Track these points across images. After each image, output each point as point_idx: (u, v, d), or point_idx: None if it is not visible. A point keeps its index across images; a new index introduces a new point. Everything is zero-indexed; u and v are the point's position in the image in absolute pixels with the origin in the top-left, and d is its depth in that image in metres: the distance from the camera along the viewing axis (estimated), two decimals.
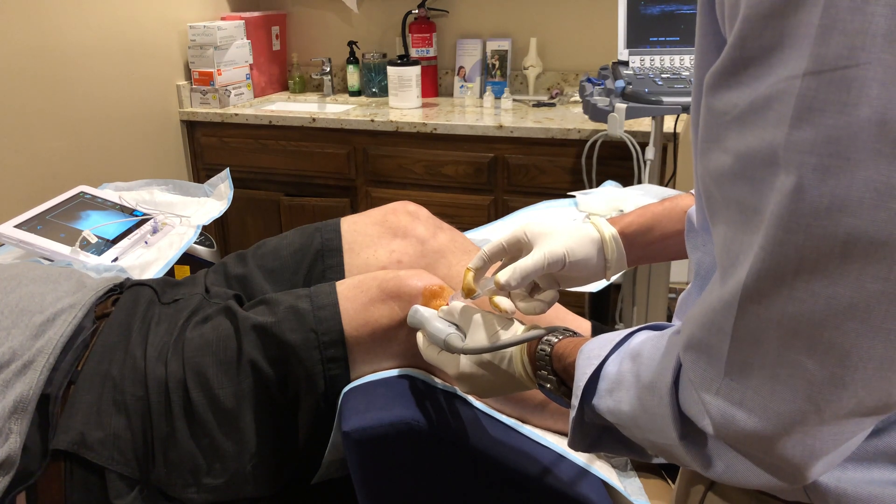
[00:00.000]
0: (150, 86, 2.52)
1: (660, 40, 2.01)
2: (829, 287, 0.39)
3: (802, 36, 0.38)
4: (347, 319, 0.97)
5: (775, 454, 0.45)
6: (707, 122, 0.46)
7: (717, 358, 0.46)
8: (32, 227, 1.43)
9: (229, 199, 1.74)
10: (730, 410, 0.46)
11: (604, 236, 0.85)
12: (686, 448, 0.53)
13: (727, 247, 0.45)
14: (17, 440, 0.93)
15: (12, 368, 0.96)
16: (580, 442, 0.68)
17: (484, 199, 2.38)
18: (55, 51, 2.12)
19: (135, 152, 2.48)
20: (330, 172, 2.55)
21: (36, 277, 1.11)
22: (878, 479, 0.51)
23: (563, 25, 2.69)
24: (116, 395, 0.96)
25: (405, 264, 1.11)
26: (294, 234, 1.18)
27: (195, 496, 0.96)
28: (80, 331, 1.04)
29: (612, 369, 0.61)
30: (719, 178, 0.45)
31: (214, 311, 1.03)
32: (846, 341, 0.40)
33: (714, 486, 0.63)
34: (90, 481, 0.95)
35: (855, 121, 0.37)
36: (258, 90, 2.91)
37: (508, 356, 0.77)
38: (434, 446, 0.90)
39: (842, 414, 0.42)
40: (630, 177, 2.06)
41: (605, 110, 1.88)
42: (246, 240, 2.71)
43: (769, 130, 0.40)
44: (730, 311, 0.44)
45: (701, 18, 0.51)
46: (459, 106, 2.65)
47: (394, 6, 2.86)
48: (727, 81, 0.44)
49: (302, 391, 0.97)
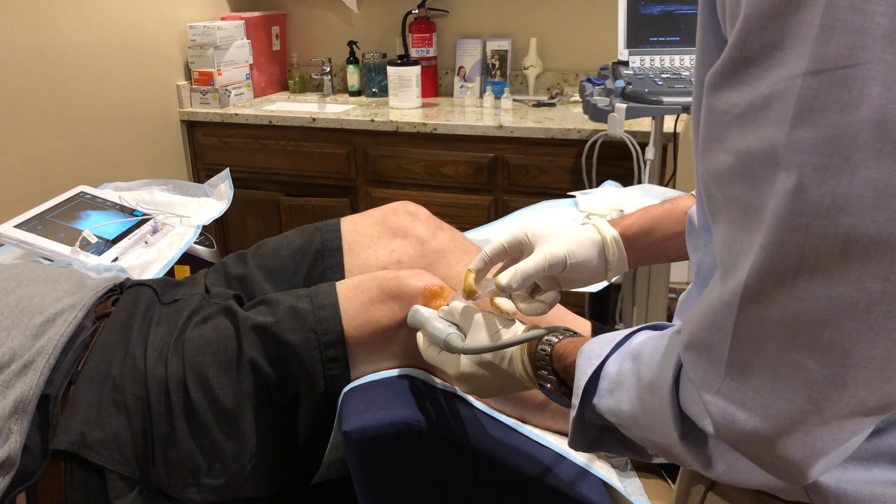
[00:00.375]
0: (150, 86, 2.52)
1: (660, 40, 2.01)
2: (829, 287, 0.39)
3: (803, 35, 0.38)
4: (347, 319, 0.97)
5: (776, 454, 0.45)
6: (708, 122, 0.46)
7: (717, 357, 0.46)
8: (32, 227, 1.43)
9: (229, 199, 1.74)
10: (730, 410, 0.46)
11: (605, 238, 0.85)
12: (687, 448, 0.53)
13: (728, 246, 0.45)
14: (18, 440, 0.93)
15: (12, 369, 0.96)
16: (580, 442, 0.68)
17: (484, 199, 2.38)
18: (55, 50, 2.12)
19: (135, 152, 2.48)
20: (330, 172, 2.55)
21: (36, 278, 1.11)
22: (879, 479, 0.51)
23: (563, 25, 2.69)
24: (116, 395, 0.96)
25: (405, 264, 1.11)
26: (294, 234, 1.18)
27: (195, 496, 0.96)
28: (81, 331, 1.04)
29: (612, 369, 0.61)
30: (720, 177, 0.45)
31: (214, 311, 1.03)
32: (847, 341, 0.40)
33: (714, 486, 0.63)
34: (90, 481, 0.95)
35: (855, 120, 0.37)
36: (258, 90, 2.91)
37: (508, 356, 0.77)
38: (434, 446, 0.90)
39: (842, 414, 0.42)
40: (630, 177, 2.06)
41: (605, 110, 1.88)
42: (246, 240, 2.71)
43: (770, 130, 0.40)
44: (730, 310, 0.44)
45: (702, 18, 0.51)
46: (459, 106, 2.65)
47: (394, 6, 2.86)
48: (728, 81, 0.44)
49: (302, 391, 0.97)
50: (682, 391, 0.52)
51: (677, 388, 0.53)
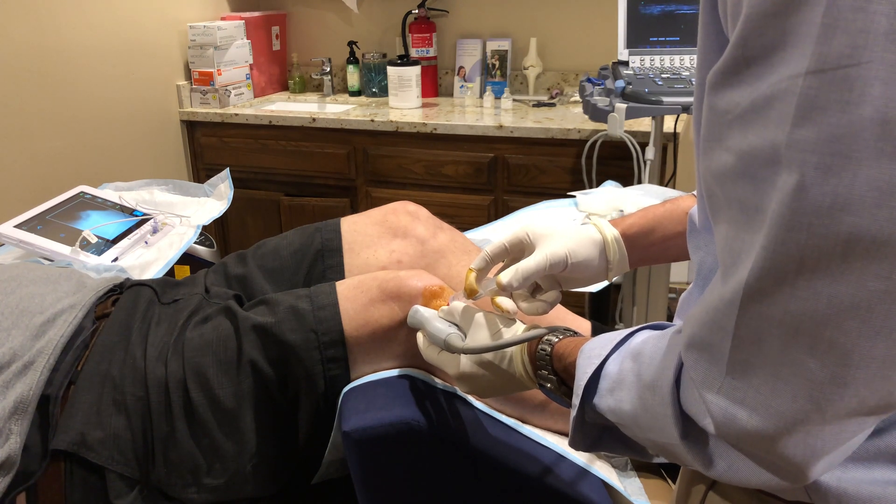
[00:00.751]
0: (150, 86, 2.52)
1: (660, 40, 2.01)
2: (830, 286, 0.39)
3: (805, 35, 0.38)
4: (347, 320, 0.97)
5: (777, 453, 0.45)
6: (709, 121, 0.46)
7: (718, 357, 0.46)
8: (32, 227, 1.43)
9: (229, 199, 1.74)
10: (731, 409, 0.46)
11: (606, 238, 0.85)
12: (688, 447, 0.53)
13: (729, 246, 0.45)
14: (18, 441, 0.93)
15: (13, 369, 0.96)
16: (581, 441, 0.68)
17: (484, 199, 2.38)
18: (55, 51, 2.12)
19: (135, 152, 2.48)
20: (330, 172, 2.55)
21: (36, 278, 1.11)
22: (879, 478, 0.51)
23: (563, 25, 2.69)
24: (116, 395, 0.96)
25: (405, 264, 1.11)
26: (294, 234, 1.17)
27: (195, 496, 0.96)
28: (81, 331, 1.04)
29: (612, 369, 0.61)
30: (721, 176, 0.45)
31: (214, 311, 1.03)
32: (848, 340, 0.40)
33: (715, 486, 0.63)
34: (90, 481, 0.95)
35: (857, 119, 0.37)
36: (258, 90, 2.91)
37: (509, 356, 0.77)
38: (434, 446, 0.90)
39: (843, 413, 0.42)
40: (630, 177, 2.06)
41: (605, 110, 1.88)
42: (246, 240, 2.71)
43: (771, 129, 0.40)
44: (732, 309, 0.44)
45: (703, 18, 0.51)
46: (459, 106, 2.65)
47: (394, 6, 2.86)
48: (729, 80, 0.44)
49: (302, 391, 0.97)
50: (682, 390, 0.52)
51: (678, 387, 0.53)
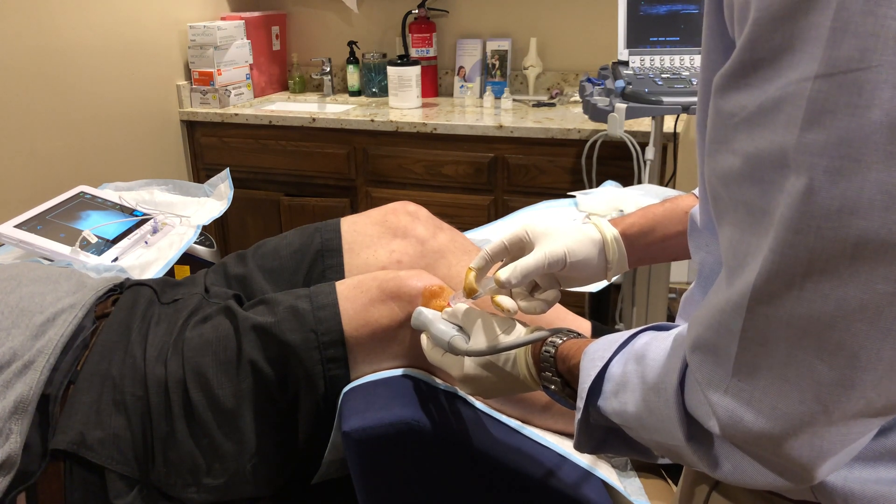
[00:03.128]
0: (150, 86, 2.51)
1: (660, 40, 2.01)
2: (838, 289, 0.39)
3: (814, 38, 0.38)
4: (347, 320, 0.97)
5: (783, 454, 0.45)
6: (715, 124, 0.46)
7: (724, 358, 0.46)
8: (32, 227, 1.42)
9: (229, 199, 1.74)
10: (737, 411, 0.46)
11: (605, 237, 0.85)
12: (693, 449, 0.53)
13: (734, 248, 0.45)
14: (18, 440, 0.93)
15: (13, 369, 0.96)
16: (586, 444, 0.68)
17: (484, 199, 2.38)
18: (55, 51, 2.11)
19: (135, 152, 2.48)
20: (330, 172, 2.55)
21: (36, 278, 1.11)
22: (885, 478, 0.51)
23: (563, 25, 2.69)
24: (116, 395, 0.96)
25: (405, 264, 1.11)
26: (294, 234, 1.17)
27: (195, 496, 0.96)
28: (80, 331, 1.04)
29: (616, 370, 0.61)
30: (727, 179, 0.45)
31: (214, 311, 1.03)
32: (855, 343, 0.40)
33: (718, 486, 0.63)
34: (90, 481, 0.94)
35: (866, 123, 0.37)
36: (258, 90, 2.90)
37: (512, 358, 0.77)
38: (434, 447, 0.90)
39: (850, 415, 0.42)
40: (630, 177, 2.06)
41: (605, 110, 1.88)
42: (246, 240, 2.71)
43: (779, 132, 0.40)
44: (738, 311, 0.44)
45: (708, 19, 0.51)
46: (459, 106, 2.65)
47: (394, 6, 2.86)
48: (736, 83, 0.43)
49: (302, 391, 0.97)
50: (687, 392, 0.52)
51: (682, 389, 0.53)
